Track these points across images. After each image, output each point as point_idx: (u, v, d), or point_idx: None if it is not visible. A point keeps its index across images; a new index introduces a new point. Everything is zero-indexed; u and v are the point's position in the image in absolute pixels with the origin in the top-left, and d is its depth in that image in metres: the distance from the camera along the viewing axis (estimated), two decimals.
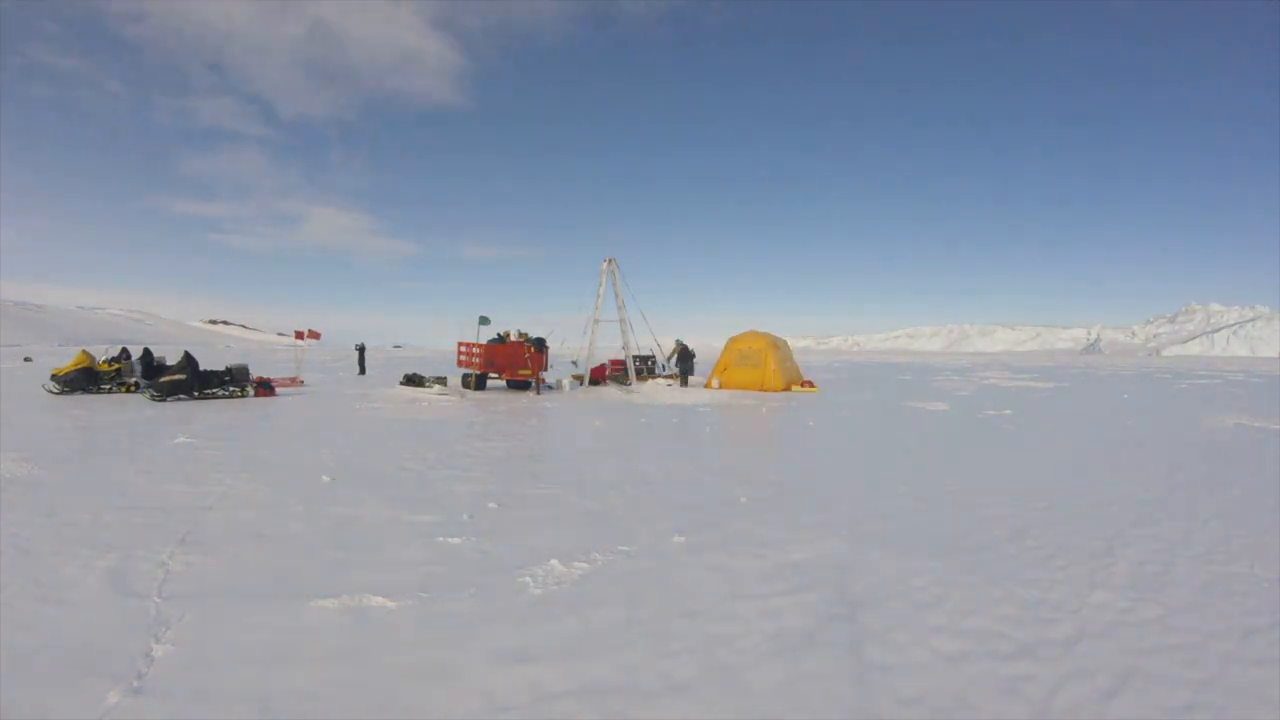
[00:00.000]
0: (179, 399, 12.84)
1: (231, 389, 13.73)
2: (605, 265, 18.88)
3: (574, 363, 21.33)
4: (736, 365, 19.19)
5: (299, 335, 19.37)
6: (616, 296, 18.90)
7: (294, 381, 18.00)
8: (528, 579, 3.71)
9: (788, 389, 18.63)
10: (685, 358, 20.18)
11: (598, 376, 19.84)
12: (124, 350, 14.94)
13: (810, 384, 19.48)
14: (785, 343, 20.45)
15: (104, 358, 14.34)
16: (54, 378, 13.79)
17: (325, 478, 6.17)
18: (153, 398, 12.66)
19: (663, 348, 21.20)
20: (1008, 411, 13.91)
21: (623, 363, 20.12)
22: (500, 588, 3.59)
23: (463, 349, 17.74)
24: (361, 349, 25.63)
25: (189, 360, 13.22)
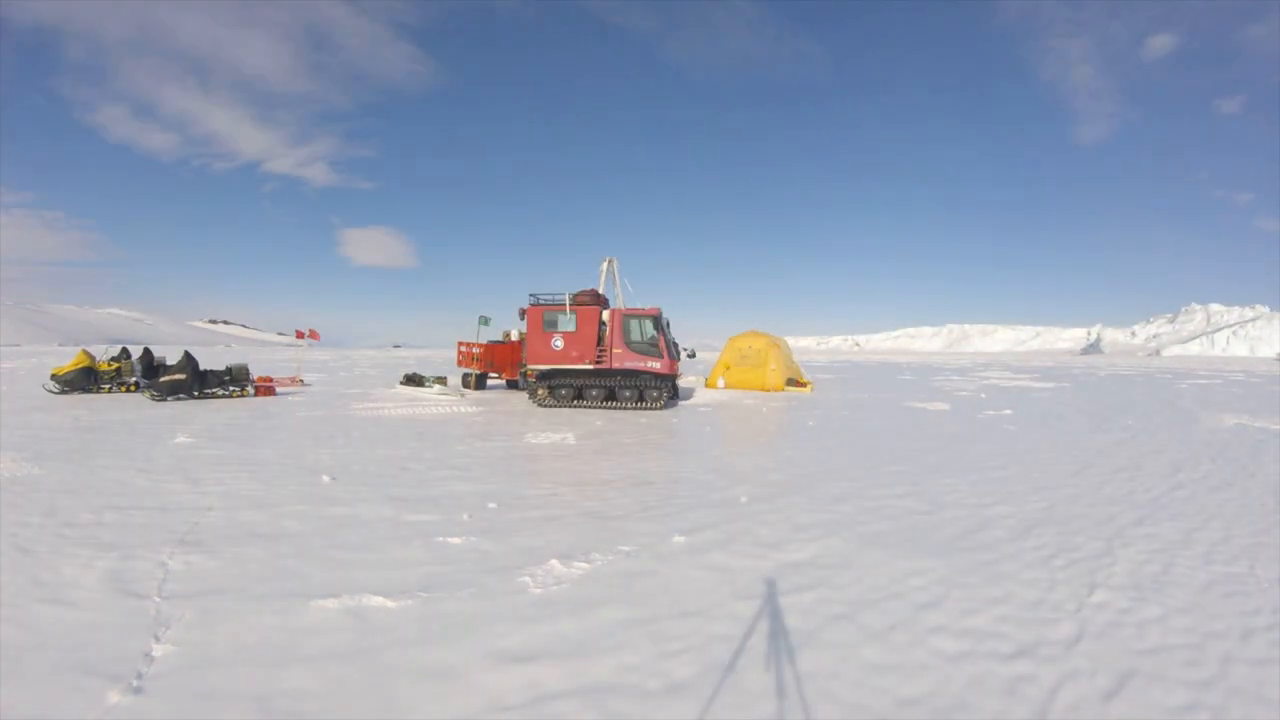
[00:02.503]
0: (179, 399, 12.84)
1: (231, 389, 13.74)
2: (605, 264, 18.93)
3: None
4: (737, 365, 19.24)
5: (299, 335, 19.39)
6: (617, 296, 18.93)
7: (294, 381, 18.02)
8: (527, 579, 3.71)
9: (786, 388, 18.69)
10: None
11: None
12: (124, 350, 14.95)
13: (804, 384, 19.47)
14: (785, 342, 20.47)
15: (104, 358, 14.35)
16: (54, 378, 13.80)
17: (325, 477, 6.17)
18: (153, 398, 12.66)
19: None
20: (1008, 411, 13.90)
21: None
22: (500, 588, 3.59)
23: (463, 349, 17.75)
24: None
25: (189, 360, 13.23)
